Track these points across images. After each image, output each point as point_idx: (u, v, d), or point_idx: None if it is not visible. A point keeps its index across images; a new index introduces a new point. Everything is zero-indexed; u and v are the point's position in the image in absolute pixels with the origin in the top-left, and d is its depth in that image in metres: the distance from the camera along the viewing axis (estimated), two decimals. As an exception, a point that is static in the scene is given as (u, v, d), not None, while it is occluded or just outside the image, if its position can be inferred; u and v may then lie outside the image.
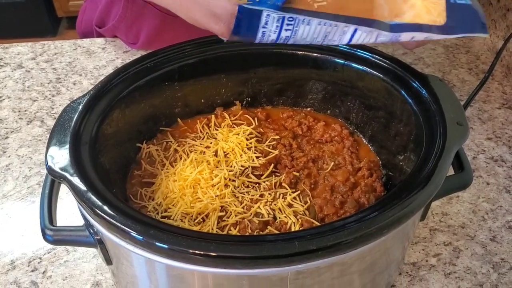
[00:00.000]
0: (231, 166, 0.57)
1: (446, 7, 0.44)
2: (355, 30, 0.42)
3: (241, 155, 0.58)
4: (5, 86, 0.85)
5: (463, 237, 0.61)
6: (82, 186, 0.44)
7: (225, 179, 0.55)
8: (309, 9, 0.40)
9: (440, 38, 0.44)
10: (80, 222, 0.49)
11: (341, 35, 0.43)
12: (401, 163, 0.55)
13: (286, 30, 0.42)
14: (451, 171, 0.49)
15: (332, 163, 0.58)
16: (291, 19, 0.41)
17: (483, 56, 0.90)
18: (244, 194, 0.54)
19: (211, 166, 0.56)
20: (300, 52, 0.60)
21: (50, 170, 0.46)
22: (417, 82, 0.54)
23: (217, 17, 0.45)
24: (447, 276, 0.57)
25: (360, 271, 0.47)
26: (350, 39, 0.43)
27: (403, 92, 0.55)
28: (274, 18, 0.41)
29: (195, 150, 0.59)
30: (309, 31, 0.42)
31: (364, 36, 0.43)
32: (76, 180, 0.44)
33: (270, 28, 0.42)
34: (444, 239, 0.61)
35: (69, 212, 0.62)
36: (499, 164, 0.71)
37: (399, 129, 0.56)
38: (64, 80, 0.86)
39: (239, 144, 0.59)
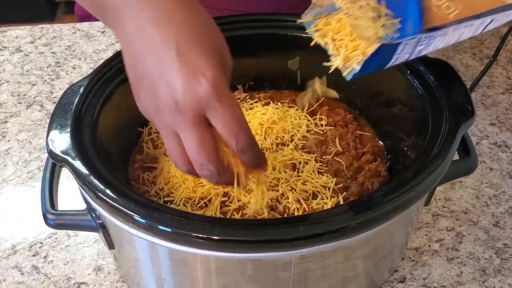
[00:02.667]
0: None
1: None
2: (491, 21, 0.40)
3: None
4: (3, 70, 0.84)
5: (466, 223, 0.61)
6: (84, 170, 0.43)
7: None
8: (445, 23, 0.38)
9: None
10: (81, 206, 0.48)
11: (475, 31, 0.41)
12: (405, 148, 0.55)
13: (421, 44, 0.40)
14: (455, 156, 0.48)
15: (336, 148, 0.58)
16: (428, 36, 0.39)
17: (487, 41, 0.90)
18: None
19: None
20: (305, 35, 0.59)
21: (51, 154, 0.45)
22: (422, 66, 0.54)
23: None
24: (450, 261, 0.57)
25: (364, 256, 0.47)
26: (483, 30, 0.41)
27: (408, 76, 0.54)
28: (410, 44, 0.39)
29: None
30: (443, 40, 0.40)
31: (497, 23, 0.40)
32: (78, 164, 0.44)
33: (405, 52, 0.40)
34: (447, 225, 0.61)
35: (69, 196, 0.61)
36: (502, 149, 0.70)
37: (404, 113, 0.56)
38: (64, 64, 0.85)
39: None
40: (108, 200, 0.41)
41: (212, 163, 0.40)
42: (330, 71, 0.44)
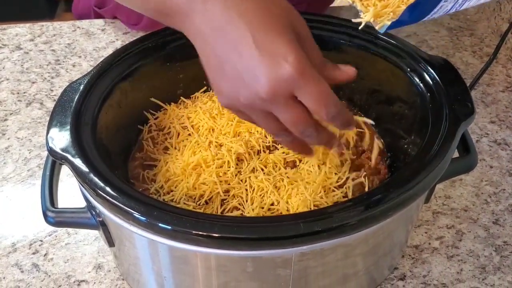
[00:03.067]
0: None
1: None
2: None
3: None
4: (3, 68, 0.84)
5: (466, 220, 0.61)
6: (84, 167, 0.43)
7: (228, 162, 0.54)
8: None
9: None
10: (81, 204, 0.48)
11: None
12: (405, 145, 0.55)
13: None
14: (455, 154, 0.48)
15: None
16: None
17: (487, 39, 0.90)
18: (250, 178, 0.53)
19: (214, 149, 0.55)
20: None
21: (51, 152, 0.45)
22: (423, 64, 0.54)
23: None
24: (450, 259, 0.57)
25: (364, 254, 0.47)
26: None
27: (408, 74, 0.54)
28: None
29: (200, 127, 0.58)
30: None
31: None
32: (78, 161, 0.44)
33: (450, 0, 0.38)
34: (447, 222, 0.61)
35: (69, 194, 0.61)
36: (502, 147, 0.70)
37: (404, 111, 0.56)
38: (63, 62, 0.85)
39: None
40: (108, 197, 0.41)
41: (311, 127, 0.42)
42: (361, 27, 0.45)
